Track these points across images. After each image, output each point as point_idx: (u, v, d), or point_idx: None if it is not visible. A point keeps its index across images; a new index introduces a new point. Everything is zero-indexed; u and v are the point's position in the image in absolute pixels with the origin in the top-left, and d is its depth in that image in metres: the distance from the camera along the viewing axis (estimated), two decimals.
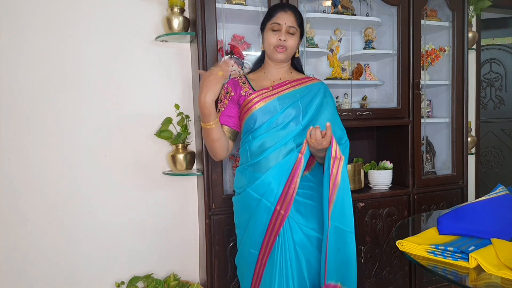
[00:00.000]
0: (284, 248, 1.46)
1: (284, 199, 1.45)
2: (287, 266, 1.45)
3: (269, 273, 1.47)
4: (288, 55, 1.57)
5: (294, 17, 1.55)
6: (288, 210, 1.44)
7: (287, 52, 1.55)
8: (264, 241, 1.49)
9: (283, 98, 1.52)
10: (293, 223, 1.47)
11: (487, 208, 1.36)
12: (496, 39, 4.06)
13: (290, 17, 1.53)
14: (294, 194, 1.44)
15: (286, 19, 1.53)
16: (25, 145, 1.92)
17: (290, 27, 1.53)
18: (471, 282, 1.06)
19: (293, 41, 1.55)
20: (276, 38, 1.53)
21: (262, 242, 1.49)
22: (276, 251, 1.46)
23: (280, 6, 1.58)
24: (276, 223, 1.46)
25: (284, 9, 1.55)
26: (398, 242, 1.29)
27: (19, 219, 1.93)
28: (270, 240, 1.47)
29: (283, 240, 1.46)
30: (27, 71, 1.91)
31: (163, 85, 2.13)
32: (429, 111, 2.58)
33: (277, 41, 1.52)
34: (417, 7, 2.25)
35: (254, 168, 1.52)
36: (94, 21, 2.00)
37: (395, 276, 2.26)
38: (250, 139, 1.52)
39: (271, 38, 1.54)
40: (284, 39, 1.52)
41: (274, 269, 1.46)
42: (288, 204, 1.44)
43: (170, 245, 2.19)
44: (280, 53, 1.54)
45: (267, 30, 1.56)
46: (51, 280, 1.99)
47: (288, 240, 1.46)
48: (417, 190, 2.31)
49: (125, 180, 2.09)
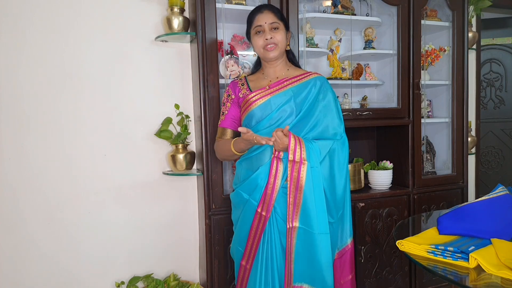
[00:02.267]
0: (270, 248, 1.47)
1: (264, 200, 1.47)
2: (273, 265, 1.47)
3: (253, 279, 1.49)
4: (280, 51, 1.59)
5: (273, 14, 1.58)
6: (269, 211, 1.46)
7: (278, 48, 1.57)
8: (248, 243, 1.52)
9: (278, 96, 1.54)
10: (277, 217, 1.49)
11: (487, 208, 1.36)
12: (496, 39, 4.06)
13: (269, 15, 1.57)
14: (273, 195, 1.46)
15: (265, 18, 1.56)
16: (25, 145, 1.92)
17: (272, 23, 1.56)
18: (471, 282, 1.06)
19: (280, 35, 1.57)
20: (262, 39, 1.56)
21: (246, 245, 1.52)
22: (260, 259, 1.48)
23: (256, 10, 1.62)
24: (259, 226, 1.48)
25: (260, 10, 1.59)
26: (398, 242, 1.29)
27: (19, 219, 1.93)
28: (254, 245, 1.50)
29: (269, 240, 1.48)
30: (27, 71, 1.91)
31: (163, 85, 2.13)
32: (429, 111, 2.58)
33: (264, 41, 1.56)
34: (417, 7, 2.25)
35: (248, 164, 1.55)
36: (94, 21, 2.00)
37: (395, 276, 2.26)
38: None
39: (258, 41, 1.58)
40: (270, 37, 1.55)
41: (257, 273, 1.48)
42: (269, 205, 1.46)
43: (170, 245, 2.19)
44: (271, 51, 1.56)
45: (253, 35, 1.61)
46: (51, 280, 1.99)
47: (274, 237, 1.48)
48: (417, 190, 2.31)
49: (125, 180, 2.09)
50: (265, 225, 1.47)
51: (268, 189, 1.46)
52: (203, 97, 1.88)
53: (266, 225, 1.47)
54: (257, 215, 1.48)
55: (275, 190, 1.46)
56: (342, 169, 1.53)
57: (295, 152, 1.41)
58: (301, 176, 1.42)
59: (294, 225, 1.42)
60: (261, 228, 1.48)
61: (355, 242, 2.14)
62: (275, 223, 1.48)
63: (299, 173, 1.42)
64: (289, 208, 1.43)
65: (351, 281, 1.59)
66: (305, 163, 1.42)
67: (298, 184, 1.42)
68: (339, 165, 1.52)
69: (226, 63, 2.02)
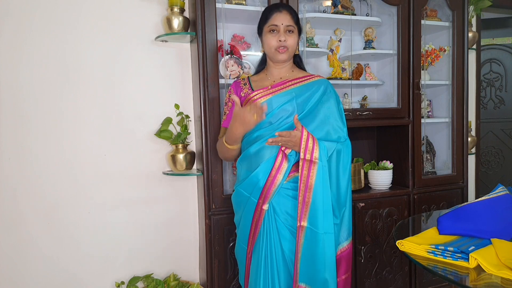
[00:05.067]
0: (269, 243, 1.48)
1: (265, 192, 1.47)
2: (273, 261, 1.47)
3: (255, 268, 1.50)
4: (290, 54, 1.58)
5: (290, 16, 1.56)
6: (265, 201, 1.47)
7: (288, 51, 1.56)
8: (250, 234, 1.53)
9: (279, 96, 1.53)
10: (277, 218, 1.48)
11: (487, 208, 1.36)
12: (496, 39, 4.06)
13: (287, 17, 1.55)
14: (273, 188, 1.46)
15: (282, 19, 1.54)
16: (25, 145, 1.92)
17: (288, 26, 1.54)
18: (471, 282, 1.06)
19: (293, 40, 1.56)
20: (275, 39, 1.54)
21: (248, 236, 1.53)
22: (260, 243, 1.48)
23: (275, 7, 1.59)
24: (260, 217, 1.49)
25: (279, 9, 1.56)
26: (398, 242, 1.29)
27: (19, 219, 1.93)
28: (255, 234, 1.51)
29: (268, 235, 1.48)
30: (27, 71, 1.91)
31: (163, 85, 2.13)
32: (429, 111, 2.58)
33: (277, 42, 1.54)
34: (417, 7, 2.25)
35: (248, 163, 1.54)
36: (94, 21, 2.00)
37: (395, 276, 2.26)
38: (247, 134, 1.55)
39: (271, 41, 1.55)
40: (284, 39, 1.53)
41: (259, 262, 1.48)
42: (265, 197, 1.47)
43: (170, 245, 2.19)
44: (282, 53, 1.55)
45: (265, 33, 1.58)
46: (51, 280, 1.99)
47: (273, 236, 1.48)
48: (417, 190, 2.31)
49: (125, 180, 2.09)
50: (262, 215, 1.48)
51: (267, 182, 1.46)
52: (203, 97, 1.88)
53: (265, 216, 1.47)
54: (258, 206, 1.48)
55: (273, 184, 1.45)
56: (346, 170, 1.53)
57: (307, 150, 1.41)
58: (311, 174, 1.42)
59: (303, 224, 1.42)
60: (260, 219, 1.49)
61: (355, 242, 2.14)
62: (274, 222, 1.48)
63: (309, 171, 1.42)
64: (299, 207, 1.42)
65: (344, 281, 1.58)
66: (316, 162, 1.41)
67: (308, 183, 1.41)
68: (344, 166, 1.53)
69: (226, 63, 2.02)
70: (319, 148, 1.42)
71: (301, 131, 1.43)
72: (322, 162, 1.43)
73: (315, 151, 1.42)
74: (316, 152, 1.42)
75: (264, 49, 1.62)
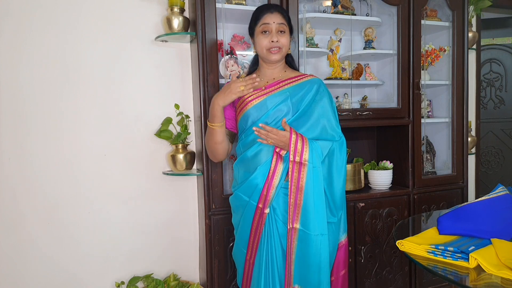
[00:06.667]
0: (270, 246, 1.48)
1: (265, 196, 1.47)
2: (273, 265, 1.47)
3: (257, 272, 1.50)
4: (282, 55, 1.58)
5: (281, 15, 1.57)
6: (266, 205, 1.47)
7: (281, 51, 1.57)
8: (250, 239, 1.52)
9: (274, 96, 1.54)
10: (277, 218, 1.49)
11: (487, 208, 1.36)
12: (496, 39, 4.06)
13: (278, 16, 1.55)
14: (271, 190, 1.46)
15: (274, 18, 1.55)
16: (25, 145, 1.92)
17: (280, 25, 1.55)
18: (471, 282, 1.06)
19: (285, 39, 1.56)
20: (267, 40, 1.55)
21: (248, 241, 1.52)
22: (262, 250, 1.48)
23: (265, 8, 1.60)
24: (260, 221, 1.48)
25: (269, 10, 1.57)
26: (398, 242, 1.29)
27: (19, 219, 1.93)
28: (256, 239, 1.50)
29: (269, 238, 1.48)
30: (27, 71, 1.91)
31: (163, 85, 2.13)
32: (429, 111, 2.58)
33: (269, 43, 1.54)
34: (417, 7, 2.25)
35: (245, 165, 1.54)
36: (94, 21, 2.00)
37: (395, 276, 2.26)
38: (243, 137, 1.56)
39: (263, 41, 1.56)
40: (276, 40, 1.54)
41: (260, 268, 1.48)
42: (265, 200, 1.46)
43: (170, 245, 2.19)
44: (275, 54, 1.55)
45: (257, 34, 1.58)
46: (51, 280, 1.99)
47: (274, 237, 1.48)
48: (417, 190, 2.31)
49: (125, 180, 2.09)
50: (263, 220, 1.47)
51: (265, 185, 1.46)
52: (203, 97, 1.88)
53: (266, 219, 1.47)
54: (258, 210, 1.48)
55: (271, 187, 1.45)
56: (341, 169, 1.53)
57: (296, 152, 1.41)
58: (301, 176, 1.42)
59: (295, 226, 1.42)
60: (262, 223, 1.48)
61: (355, 242, 2.14)
62: (275, 223, 1.48)
63: (299, 173, 1.42)
64: (290, 209, 1.43)
65: (343, 277, 1.59)
66: (306, 164, 1.41)
67: (298, 184, 1.42)
68: (338, 166, 1.52)
69: (226, 63, 2.02)
70: (309, 149, 1.42)
71: (289, 132, 1.43)
72: (313, 164, 1.42)
73: (305, 152, 1.42)
74: (306, 154, 1.42)
75: (256, 50, 1.62)
